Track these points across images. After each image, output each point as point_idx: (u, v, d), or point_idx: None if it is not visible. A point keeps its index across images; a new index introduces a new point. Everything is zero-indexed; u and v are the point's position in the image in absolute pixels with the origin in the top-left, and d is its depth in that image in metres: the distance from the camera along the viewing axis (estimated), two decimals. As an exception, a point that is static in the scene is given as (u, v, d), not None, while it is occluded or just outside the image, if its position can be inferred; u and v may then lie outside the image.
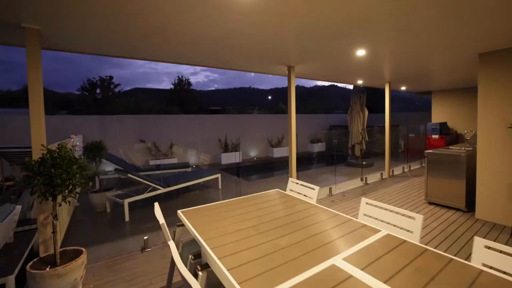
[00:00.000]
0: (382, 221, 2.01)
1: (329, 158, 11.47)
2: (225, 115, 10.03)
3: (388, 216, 1.96)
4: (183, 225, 2.10)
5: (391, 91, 6.40)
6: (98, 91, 20.41)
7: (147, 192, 4.41)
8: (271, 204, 2.35)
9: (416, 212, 4.18)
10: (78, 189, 2.32)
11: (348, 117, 8.22)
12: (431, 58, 4.04)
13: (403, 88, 7.72)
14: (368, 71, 5.08)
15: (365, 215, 2.09)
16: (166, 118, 8.69)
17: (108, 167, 7.03)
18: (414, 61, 4.19)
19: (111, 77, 20.16)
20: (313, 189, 2.60)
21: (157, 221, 1.81)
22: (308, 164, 10.84)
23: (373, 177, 6.43)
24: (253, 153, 10.52)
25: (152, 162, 7.75)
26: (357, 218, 2.01)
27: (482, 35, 2.99)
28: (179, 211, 2.17)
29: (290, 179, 2.90)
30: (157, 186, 4.53)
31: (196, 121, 9.20)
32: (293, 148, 4.49)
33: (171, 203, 5.00)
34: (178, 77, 24.26)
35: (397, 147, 10.97)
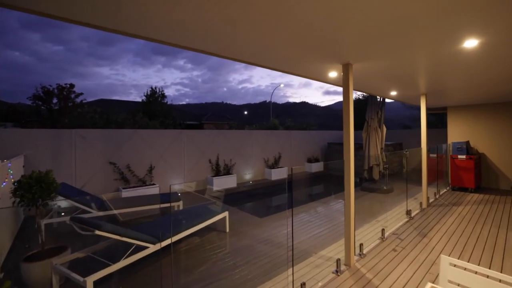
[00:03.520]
0: None
1: (330, 178, 10.35)
2: (217, 130, 8.46)
3: None
4: None
5: (428, 106, 5.49)
6: (55, 100, 17.47)
7: (127, 257, 2.67)
8: None
9: None
10: None
11: (364, 134, 7.20)
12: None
13: (423, 103, 6.96)
14: (425, 77, 4.05)
15: None
16: (144, 134, 6.86)
17: (62, 201, 5.01)
18: None
19: (72, 85, 17.41)
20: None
21: None
22: (311, 186, 9.59)
23: (410, 207, 5.31)
24: (248, 176, 8.99)
25: (125, 193, 5.80)
26: None
27: None
28: None
29: (445, 257, 1.50)
30: (145, 244, 2.81)
31: (182, 137, 7.49)
32: (351, 167, 3.14)
33: (162, 264, 3.25)
34: (151, 88, 22.06)
35: (402, 166, 10.31)
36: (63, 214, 4.98)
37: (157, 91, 22.15)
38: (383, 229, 3.93)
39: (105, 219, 4.56)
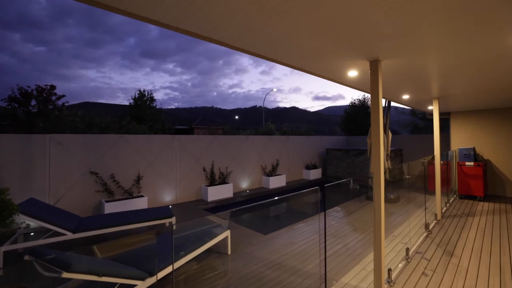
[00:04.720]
0: None
1: (329, 186, 9.92)
2: (212, 136, 7.88)
3: None
4: None
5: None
6: (33, 102, 16.26)
7: (108, 301, 2.06)
8: None
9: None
10: None
11: (368, 140, 6.82)
12: None
13: (430, 107, 6.69)
14: (440, 78, 3.69)
15: None
16: (131, 139, 6.19)
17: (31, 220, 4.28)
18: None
19: (52, 87, 16.27)
20: None
21: None
22: (311, 194, 9.10)
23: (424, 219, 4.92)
24: (245, 184, 8.42)
25: (108, 208, 5.11)
26: None
27: None
28: None
29: None
30: (133, 282, 2.21)
31: (174, 143, 6.87)
32: (381, 182, 2.67)
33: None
34: (140, 91, 21.10)
35: (401, 173, 10.05)
36: (32, 234, 4.26)
37: (146, 95, 21.25)
38: (407, 248, 3.48)
39: (82, 242, 3.89)
